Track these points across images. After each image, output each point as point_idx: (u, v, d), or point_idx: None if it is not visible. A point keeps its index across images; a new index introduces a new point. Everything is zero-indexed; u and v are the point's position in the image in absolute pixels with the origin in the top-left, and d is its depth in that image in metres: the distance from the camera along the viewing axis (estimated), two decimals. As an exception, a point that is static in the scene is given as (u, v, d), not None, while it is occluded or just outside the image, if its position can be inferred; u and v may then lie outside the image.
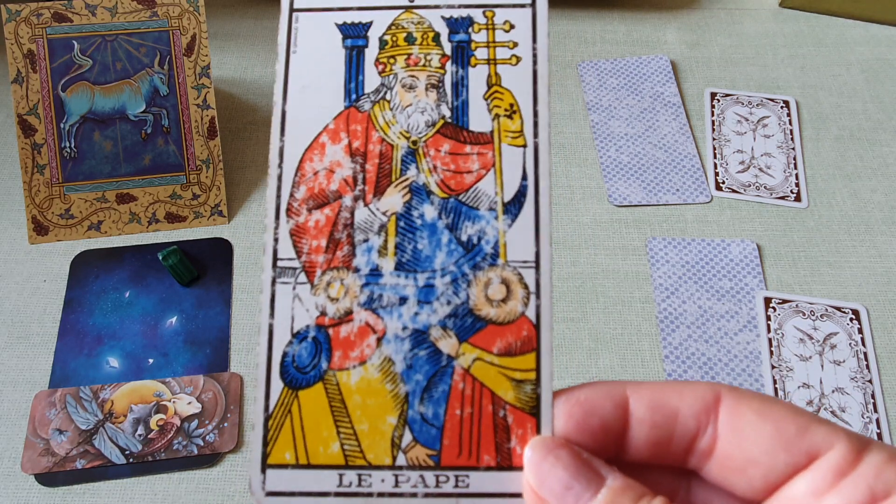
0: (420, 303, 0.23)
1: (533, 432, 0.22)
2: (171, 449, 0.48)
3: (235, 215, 0.59)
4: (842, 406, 0.49)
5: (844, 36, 0.71)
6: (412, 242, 0.24)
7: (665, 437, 0.21)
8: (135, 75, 0.58)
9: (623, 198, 0.59)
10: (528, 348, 0.23)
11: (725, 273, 0.55)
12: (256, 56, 0.70)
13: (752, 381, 0.50)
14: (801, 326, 0.52)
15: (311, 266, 0.24)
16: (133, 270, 0.56)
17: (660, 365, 0.51)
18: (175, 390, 0.50)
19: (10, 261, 0.57)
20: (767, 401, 0.21)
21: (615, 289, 0.55)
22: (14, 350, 0.53)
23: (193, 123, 0.58)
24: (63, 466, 0.47)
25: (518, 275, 0.23)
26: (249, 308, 0.54)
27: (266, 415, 0.23)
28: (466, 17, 0.26)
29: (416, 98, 0.25)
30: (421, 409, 0.23)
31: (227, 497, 0.46)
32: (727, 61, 0.69)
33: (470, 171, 0.24)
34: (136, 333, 0.53)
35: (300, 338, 0.23)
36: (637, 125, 0.64)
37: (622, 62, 0.69)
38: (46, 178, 0.57)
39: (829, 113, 0.65)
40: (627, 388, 0.22)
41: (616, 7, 0.74)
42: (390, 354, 0.23)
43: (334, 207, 0.24)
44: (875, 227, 0.58)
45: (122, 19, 0.58)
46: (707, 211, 0.59)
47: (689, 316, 0.53)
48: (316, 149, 0.25)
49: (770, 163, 0.61)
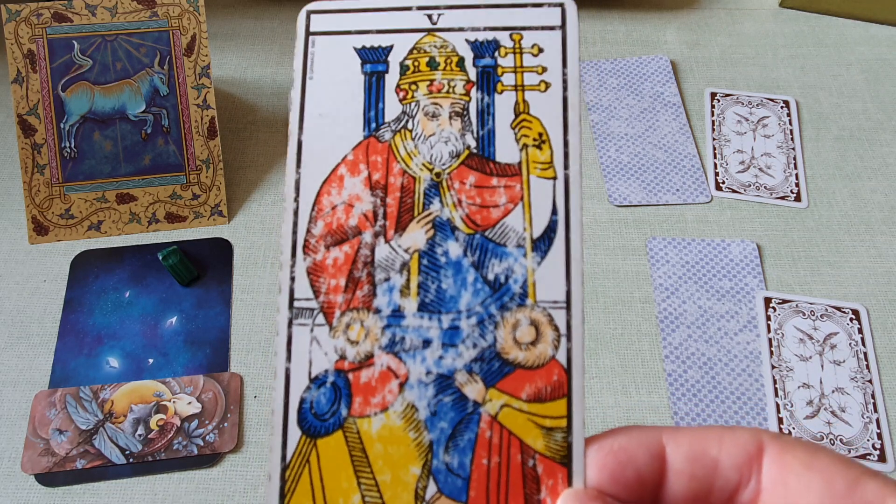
0: (445, 346, 0.22)
1: (564, 483, 0.21)
2: (171, 449, 0.48)
3: (235, 215, 0.59)
4: (842, 406, 0.49)
5: (844, 36, 0.71)
6: (436, 282, 0.23)
7: (704, 489, 0.20)
8: (135, 75, 0.58)
9: (623, 198, 0.59)
10: (558, 394, 0.22)
11: (725, 273, 0.55)
12: (256, 56, 0.70)
13: (751, 381, 0.50)
14: (801, 326, 0.52)
15: (330, 307, 0.23)
16: (133, 270, 0.56)
17: (660, 365, 0.51)
18: (175, 390, 0.50)
19: (10, 261, 0.57)
20: (813, 450, 0.20)
21: (615, 289, 0.55)
22: (14, 350, 0.53)
23: (193, 123, 0.58)
24: (63, 466, 0.47)
25: (548, 316, 0.22)
26: (249, 308, 0.54)
27: (283, 465, 0.22)
28: (492, 41, 0.24)
29: (439, 127, 0.24)
30: (446, 459, 0.22)
31: (227, 497, 0.47)
32: (727, 61, 0.69)
33: (497, 206, 0.23)
34: (136, 333, 0.53)
35: (318, 383, 0.22)
36: (637, 125, 0.64)
37: (622, 62, 0.69)
38: (46, 178, 0.57)
39: (829, 113, 0.65)
40: (664, 436, 0.21)
41: (616, 7, 0.74)
42: (413, 401, 0.22)
43: (353, 244, 0.23)
44: (875, 227, 0.58)
45: (122, 19, 0.58)
46: (707, 211, 0.59)
47: (689, 316, 0.53)
48: (334, 181, 0.23)
49: (770, 163, 0.61)
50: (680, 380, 0.50)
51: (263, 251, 0.57)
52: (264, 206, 0.60)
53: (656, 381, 0.51)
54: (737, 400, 0.49)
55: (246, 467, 0.48)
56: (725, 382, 0.50)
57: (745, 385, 0.50)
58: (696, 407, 0.49)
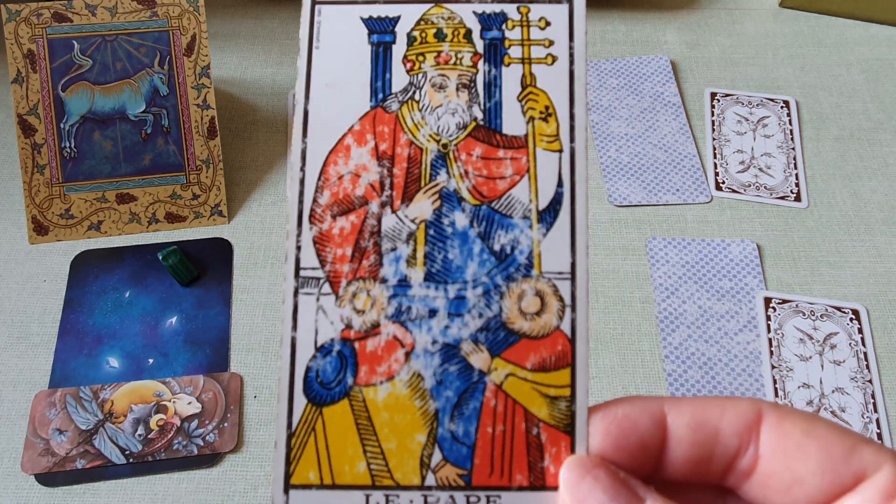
0: (451, 315, 0.23)
1: (567, 451, 0.21)
2: (171, 449, 0.48)
3: (235, 215, 0.59)
4: (842, 406, 0.49)
5: (844, 36, 0.71)
6: (442, 252, 0.23)
7: (705, 455, 0.21)
8: (135, 75, 0.58)
9: (623, 198, 0.59)
10: (562, 363, 0.22)
11: (725, 273, 0.55)
12: (256, 56, 0.70)
13: (752, 381, 0.50)
14: (801, 326, 0.52)
15: (336, 276, 0.23)
16: (133, 270, 0.56)
17: (660, 365, 0.51)
18: (175, 390, 0.50)
19: (10, 261, 0.57)
20: (812, 419, 0.21)
21: (615, 289, 0.55)
22: (14, 350, 0.53)
23: (193, 123, 0.58)
24: (63, 466, 0.47)
25: (553, 286, 0.23)
26: (249, 308, 0.54)
27: (289, 432, 0.22)
28: (500, 13, 0.24)
29: (446, 98, 0.24)
30: (451, 427, 0.22)
31: (227, 497, 0.47)
32: (727, 61, 0.69)
33: (503, 177, 0.23)
34: (136, 333, 0.53)
35: (324, 352, 0.22)
36: (637, 125, 0.64)
37: (622, 62, 0.69)
38: (46, 178, 0.57)
39: (829, 113, 0.65)
40: (665, 405, 0.21)
41: (616, 7, 0.74)
42: (419, 370, 0.22)
43: (360, 214, 0.23)
44: (875, 227, 0.58)
45: (122, 19, 0.58)
46: (707, 211, 0.59)
47: (689, 316, 0.53)
48: (340, 151, 0.24)
49: (770, 163, 0.61)
50: (680, 380, 0.50)
51: (263, 251, 0.57)
52: (264, 206, 0.60)
53: (656, 381, 0.51)
54: (737, 400, 0.49)
55: (246, 467, 0.48)
56: (725, 382, 0.50)
57: (745, 385, 0.50)
58: (696, 407, 0.49)
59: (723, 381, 0.50)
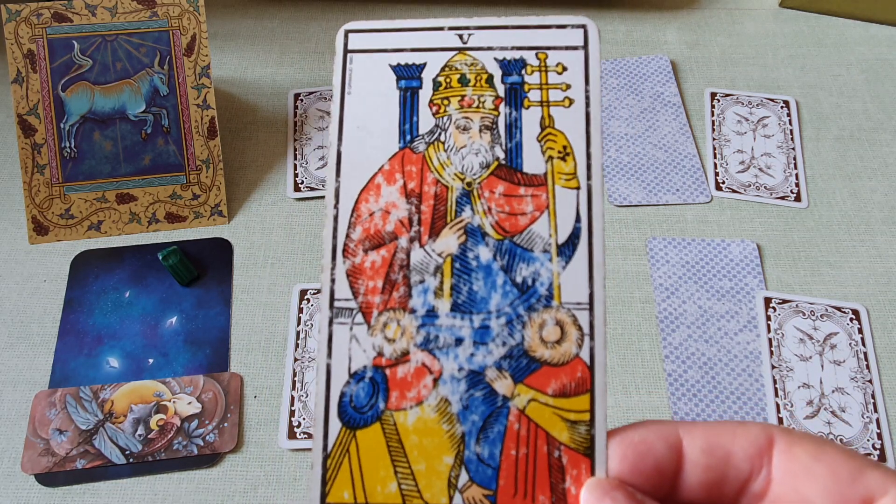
0: (476, 344, 0.24)
1: (587, 473, 0.22)
2: (171, 449, 0.48)
3: (235, 215, 0.59)
4: (842, 406, 0.49)
5: (844, 36, 0.71)
6: (468, 284, 0.24)
7: (718, 479, 0.22)
8: (135, 75, 0.58)
9: (623, 198, 0.59)
10: (582, 389, 0.23)
11: (725, 273, 0.55)
12: (256, 56, 0.70)
13: (752, 381, 0.50)
14: (801, 326, 0.52)
15: (368, 307, 0.24)
16: (133, 270, 0.56)
17: (660, 365, 0.51)
18: (175, 390, 0.50)
19: (10, 261, 0.57)
20: (821, 443, 0.21)
21: (615, 289, 0.55)
22: (14, 350, 0.53)
23: (193, 123, 0.58)
24: (63, 466, 0.47)
25: (572, 316, 0.24)
26: (249, 308, 0.54)
27: (324, 454, 0.23)
28: (519, 59, 0.26)
29: (470, 139, 0.25)
30: (477, 450, 0.23)
31: (227, 497, 0.47)
32: (727, 61, 0.69)
33: (524, 213, 0.25)
34: (136, 333, 0.53)
35: (357, 378, 0.24)
36: (637, 125, 0.64)
37: (622, 62, 0.69)
38: (46, 178, 0.57)
39: (829, 113, 0.65)
40: (680, 429, 0.22)
41: (616, 7, 0.74)
42: (447, 395, 0.23)
43: (390, 248, 0.25)
44: (875, 227, 0.58)
45: (122, 19, 0.58)
46: (707, 211, 0.59)
47: (689, 316, 0.53)
48: (371, 189, 0.25)
49: (770, 163, 0.62)
50: (680, 380, 0.50)
51: (263, 251, 0.57)
52: (264, 206, 0.60)
53: (656, 381, 0.51)
54: (737, 400, 0.49)
55: (246, 467, 0.48)
56: (725, 382, 0.50)
57: (745, 385, 0.50)
58: (696, 407, 0.49)
59: (723, 381, 0.50)
